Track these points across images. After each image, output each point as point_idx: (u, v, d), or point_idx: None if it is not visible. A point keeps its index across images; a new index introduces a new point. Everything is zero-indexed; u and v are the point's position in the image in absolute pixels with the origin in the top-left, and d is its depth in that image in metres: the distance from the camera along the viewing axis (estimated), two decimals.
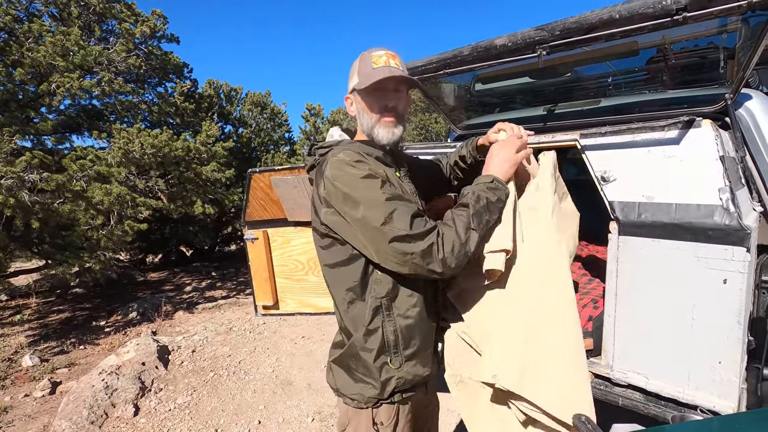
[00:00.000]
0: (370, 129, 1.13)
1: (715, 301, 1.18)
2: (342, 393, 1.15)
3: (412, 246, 0.96)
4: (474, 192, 1.05)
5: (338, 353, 1.15)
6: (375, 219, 0.97)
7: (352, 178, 1.01)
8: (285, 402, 3.13)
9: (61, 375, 3.69)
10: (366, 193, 0.99)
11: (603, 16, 1.64)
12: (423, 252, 0.95)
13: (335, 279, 1.12)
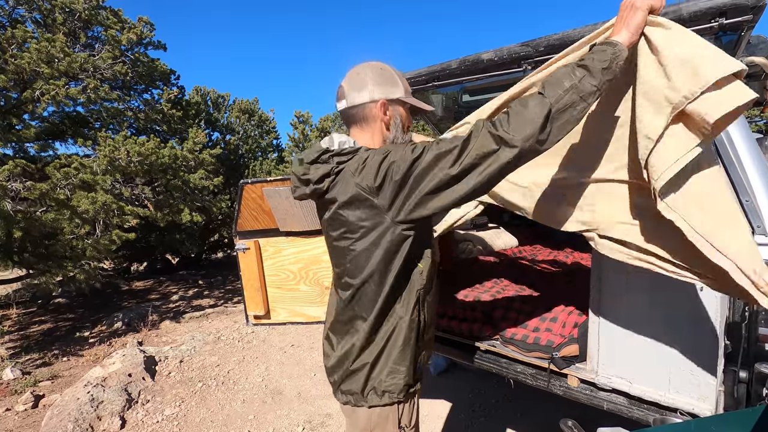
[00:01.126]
0: (400, 140, 1.18)
1: (693, 307, 1.24)
2: (373, 392, 1.15)
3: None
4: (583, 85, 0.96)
5: (366, 353, 1.15)
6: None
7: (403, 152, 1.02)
8: (275, 411, 3.11)
9: (44, 388, 3.60)
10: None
11: (585, 34, 1.71)
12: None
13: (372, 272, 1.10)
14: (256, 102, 9.05)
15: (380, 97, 1.14)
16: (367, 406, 1.15)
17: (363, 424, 1.17)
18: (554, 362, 1.53)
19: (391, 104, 1.16)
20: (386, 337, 1.13)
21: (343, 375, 1.18)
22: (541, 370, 1.59)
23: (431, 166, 0.97)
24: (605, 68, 0.97)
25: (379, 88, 1.14)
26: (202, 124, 8.02)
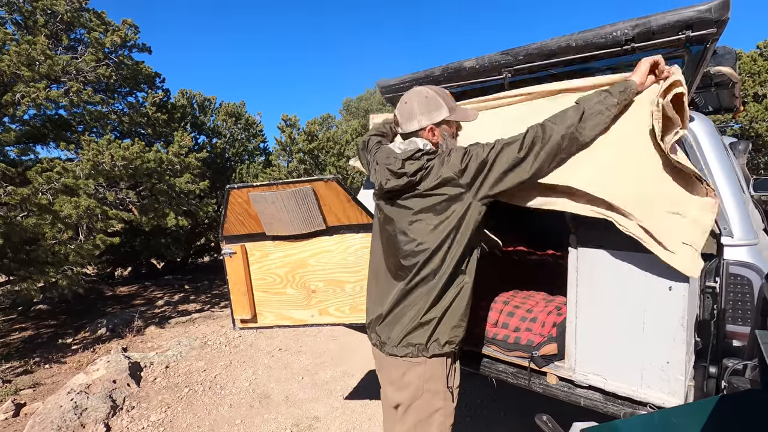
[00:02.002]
0: (452, 148, 1.43)
1: (662, 306, 1.30)
2: (436, 343, 1.37)
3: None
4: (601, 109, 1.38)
5: (434, 309, 1.37)
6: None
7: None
8: (262, 415, 3.11)
9: (26, 396, 3.54)
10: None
11: (561, 44, 1.78)
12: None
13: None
14: (242, 105, 9.01)
15: (427, 124, 1.43)
16: (429, 356, 1.36)
17: (420, 372, 1.38)
18: (534, 361, 1.59)
19: (437, 126, 1.44)
20: (453, 297, 1.37)
21: (408, 329, 1.38)
22: (522, 369, 1.64)
23: (504, 152, 1.32)
24: (622, 91, 1.40)
25: (425, 117, 1.43)
26: (187, 128, 7.95)
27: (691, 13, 1.45)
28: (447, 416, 1.40)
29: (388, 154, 1.44)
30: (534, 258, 2.81)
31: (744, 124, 7.32)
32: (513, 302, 1.83)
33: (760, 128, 6.84)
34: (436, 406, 1.38)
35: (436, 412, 1.39)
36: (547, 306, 1.77)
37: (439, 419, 1.39)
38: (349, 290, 2.06)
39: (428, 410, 1.39)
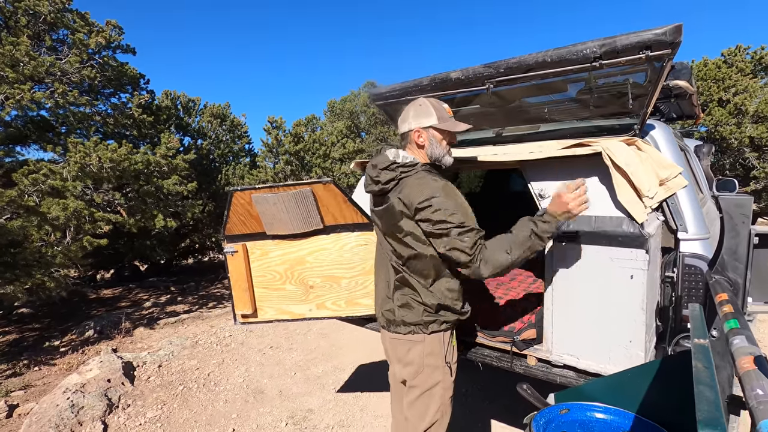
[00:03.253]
0: (440, 156, 1.62)
1: (625, 292, 1.49)
2: (435, 322, 1.55)
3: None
4: (528, 246, 1.46)
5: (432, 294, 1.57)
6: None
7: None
8: (258, 409, 3.22)
9: (17, 398, 3.55)
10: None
11: (538, 59, 1.96)
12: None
13: None
14: (227, 107, 9.02)
15: (415, 126, 1.60)
16: (428, 333, 1.54)
17: (421, 349, 1.56)
18: (516, 345, 1.76)
19: (425, 130, 1.60)
20: (447, 280, 1.56)
21: (408, 311, 1.56)
22: (505, 353, 1.81)
23: (453, 245, 1.46)
24: (550, 235, 1.48)
25: (415, 120, 1.60)
26: (172, 129, 7.93)
27: (650, 35, 1.65)
28: (446, 389, 1.57)
29: (376, 161, 1.62)
30: None
31: (710, 128, 7.75)
32: (497, 293, 2.00)
33: (724, 131, 7.25)
34: (436, 380, 1.55)
35: (436, 385, 1.55)
36: (527, 296, 1.95)
37: (440, 392, 1.55)
38: (345, 285, 2.20)
39: (429, 383, 1.55)
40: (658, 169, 1.73)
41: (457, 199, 1.49)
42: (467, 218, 1.48)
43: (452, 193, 1.50)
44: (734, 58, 7.90)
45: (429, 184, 1.49)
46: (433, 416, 1.57)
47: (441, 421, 1.59)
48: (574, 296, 1.63)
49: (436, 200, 1.46)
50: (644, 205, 1.55)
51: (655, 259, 1.64)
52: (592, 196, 1.62)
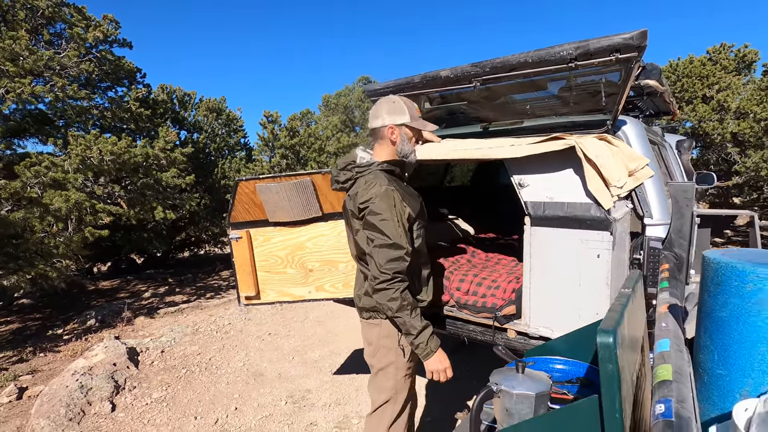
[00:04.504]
0: (408, 153, 1.69)
1: (593, 270, 1.68)
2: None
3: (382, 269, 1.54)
4: (405, 323, 1.55)
5: None
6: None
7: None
8: (258, 390, 3.40)
9: (26, 381, 3.69)
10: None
11: (520, 59, 2.13)
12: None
13: None
14: (223, 101, 9.11)
15: (389, 123, 1.66)
16: (383, 318, 1.67)
17: (378, 331, 1.69)
18: (497, 320, 1.95)
19: (398, 127, 1.66)
20: None
21: (369, 298, 1.66)
22: (488, 327, 2.00)
23: (375, 247, 1.54)
24: (415, 344, 1.57)
25: (389, 116, 1.67)
26: (168, 123, 8.01)
27: (619, 39, 1.82)
28: (398, 369, 1.67)
29: (340, 161, 1.75)
30: (501, 242, 3.20)
31: (694, 124, 7.99)
32: (481, 275, 2.19)
33: (707, 127, 7.49)
34: (390, 360, 1.67)
35: (390, 365, 1.67)
36: (509, 276, 2.14)
37: (392, 371, 1.67)
38: (342, 269, 2.38)
39: (384, 362, 1.68)
40: (628, 161, 1.91)
41: (391, 210, 1.52)
42: (394, 233, 1.51)
43: (389, 202, 1.53)
44: (718, 56, 8.13)
45: (373, 186, 1.56)
46: (388, 393, 1.68)
47: (396, 398, 1.68)
48: (549, 274, 1.82)
49: (373, 204, 1.52)
50: (611, 194, 1.73)
51: (622, 242, 1.83)
52: (564, 185, 1.80)
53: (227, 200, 8.23)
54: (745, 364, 0.62)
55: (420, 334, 1.53)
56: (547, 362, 1.17)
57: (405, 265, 1.54)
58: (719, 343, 0.65)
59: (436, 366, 1.57)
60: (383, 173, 1.64)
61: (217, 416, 3.04)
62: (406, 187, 1.74)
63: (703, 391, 0.68)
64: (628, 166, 1.91)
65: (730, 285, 0.63)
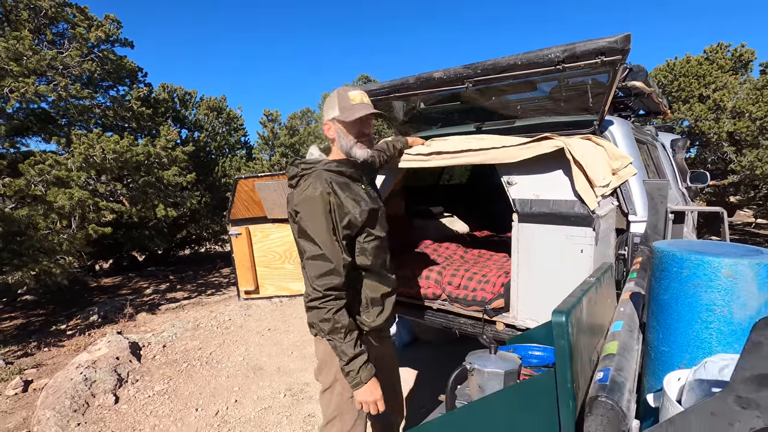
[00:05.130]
0: (348, 149, 1.52)
1: (576, 264, 1.75)
2: None
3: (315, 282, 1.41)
4: (336, 347, 1.41)
5: None
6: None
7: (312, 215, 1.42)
8: (258, 383, 3.48)
9: (31, 374, 3.78)
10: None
11: (510, 61, 2.20)
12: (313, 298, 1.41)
13: None
14: (224, 99, 9.18)
15: (326, 119, 1.55)
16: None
17: (323, 348, 1.55)
18: (486, 313, 2.03)
19: (333, 123, 1.52)
20: None
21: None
22: (478, 320, 2.07)
23: (306, 260, 1.43)
24: (346, 370, 1.42)
25: (326, 112, 1.55)
26: (169, 122, 8.09)
27: (604, 43, 1.89)
28: (345, 389, 1.51)
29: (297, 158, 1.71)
30: (495, 239, 3.28)
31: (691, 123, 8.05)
32: (472, 270, 2.26)
33: (704, 126, 7.55)
34: (334, 378, 1.53)
35: (335, 383, 1.53)
36: (498, 271, 2.21)
37: (338, 389, 1.53)
38: None
39: (329, 381, 1.54)
40: (611, 160, 1.98)
41: (324, 217, 1.39)
42: (326, 243, 1.38)
43: (321, 207, 1.40)
44: (715, 55, 8.18)
45: (307, 189, 1.42)
46: (333, 412, 1.55)
47: (341, 417, 1.54)
48: (536, 269, 1.89)
49: (303, 210, 1.41)
50: (595, 194, 1.80)
51: (606, 237, 1.90)
52: (550, 184, 1.88)
53: (227, 198, 8.34)
54: (683, 341, 0.69)
55: (351, 361, 1.39)
56: (526, 349, 1.25)
57: (338, 281, 1.39)
58: (663, 323, 0.73)
59: (364, 397, 1.42)
60: (329, 173, 1.48)
61: (217, 408, 3.12)
62: (362, 190, 1.56)
63: (651, 366, 0.76)
64: (611, 165, 1.98)
65: (671, 271, 0.70)
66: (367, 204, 1.52)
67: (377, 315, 1.57)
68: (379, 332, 1.65)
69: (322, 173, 1.47)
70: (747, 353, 0.42)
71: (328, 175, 1.48)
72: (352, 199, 1.49)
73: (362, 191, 1.56)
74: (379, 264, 1.57)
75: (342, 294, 1.42)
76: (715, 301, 0.65)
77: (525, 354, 1.22)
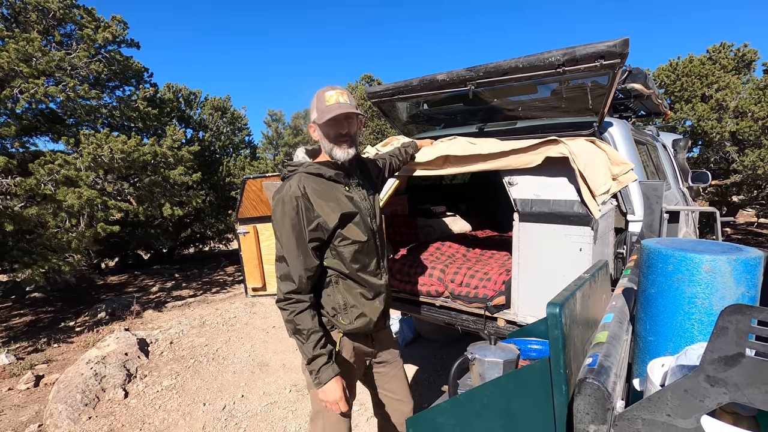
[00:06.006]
0: (329, 151, 1.51)
1: (575, 262, 1.81)
2: None
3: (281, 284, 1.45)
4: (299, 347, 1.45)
5: None
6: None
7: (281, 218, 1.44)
8: (263, 379, 3.55)
9: (42, 370, 3.87)
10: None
11: (512, 64, 2.26)
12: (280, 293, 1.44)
13: None
14: (228, 99, 9.25)
15: (310, 122, 1.54)
16: None
17: None
18: (488, 309, 2.08)
19: (315, 125, 1.50)
20: (320, 291, 1.57)
21: None
22: (479, 317, 2.13)
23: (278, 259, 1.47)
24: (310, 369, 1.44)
25: (311, 117, 1.53)
26: (174, 121, 8.18)
27: (603, 47, 1.95)
28: None
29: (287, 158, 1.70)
30: (497, 238, 3.33)
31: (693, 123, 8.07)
32: (474, 268, 2.32)
33: (706, 126, 7.56)
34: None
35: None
36: (500, 269, 2.27)
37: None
38: None
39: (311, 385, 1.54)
40: (613, 165, 2.02)
41: (291, 219, 1.40)
42: (289, 246, 1.40)
43: (289, 209, 1.40)
44: (718, 55, 8.19)
45: (281, 190, 1.45)
46: (316, 407, 1.59)
47: (323, 413, 1.57)
48: (536, 267, 1.95)
49: (274, 211, 1.42)
50: (596, 203, 1.84)
51: (604, 236, 1.95)
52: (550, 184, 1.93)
53: (232, 197, 8.43)
54: (667, 331, 0.75)
55: (311, 362, 1.41)
56: (525, 343, 1.31)
57: (299, 284, 1.41)
58: (649, 314, 0.79)
59: (324, 396, 1.43)
60: (308, 176, 1.48)
61: (224, 403, 3.19)
62: (345, 192, 1.54)
63: (639, 355, 0.82)
64: (612, 170, 2.02)
65: (657, 266, 0.76)
66: (343, 208, 1.49)
67: (355, 318, 1.54)
68: (364, 335, 1.63)
69: (301, 176, 1.47)
70: (715, 337, 0.48)
71: (305, 177, 1.47)
72: (327, 203, 1.46)
73: (343, 194, 1.53)
74: (358, 268, 1.53)
75: (303, 297, 1.42)
76: (696, 294, 0.71)
77: (524, 347, 1.28)
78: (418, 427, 0.94)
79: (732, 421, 0.57)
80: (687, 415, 0.52)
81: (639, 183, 1.84)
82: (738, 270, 0.69)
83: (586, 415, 0.63)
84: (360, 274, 1.54)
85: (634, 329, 0.86)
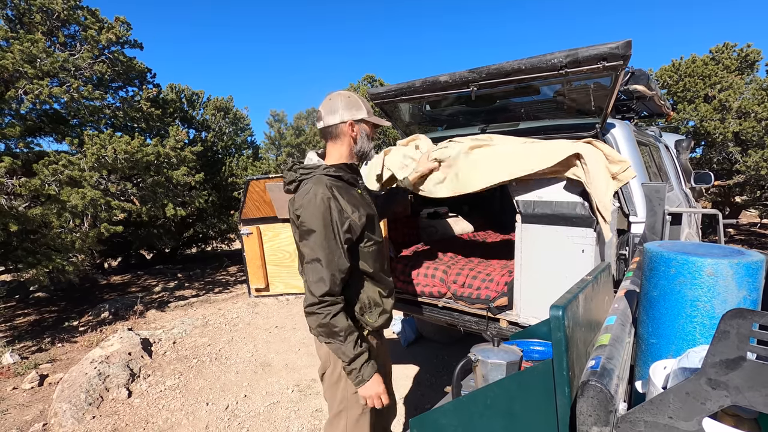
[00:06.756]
0: (367, 150, 1.60)
1: (577, 263, 1.81)
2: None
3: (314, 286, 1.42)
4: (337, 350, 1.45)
5: None
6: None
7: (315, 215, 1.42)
8: (266, 379, 3.56)
9: (46, 369, 3.89)
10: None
11: (514, 66, 2.26)
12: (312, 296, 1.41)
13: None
14: (230, 100, 9.28)
15: (348, 119, 1.54)
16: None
17: (326, 348, 1.55)
18: (490, 311, 2.09)
19: (357, 123, 1.56)
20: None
21: None
22: (482, 318, 2.14)
23: (306, 262, 1.44)
24: (348, 370, 1.47)
25: (348, 112, 1.54)
26: (177, 122, 8.20)
27: (606, 49, 1.95)
28: (349, 385, 1.55)
29: (289, 160, 1.65)
30: (500, 239, 3.34)
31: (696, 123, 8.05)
32: (477, 269, 2.33)
33: (709, 126, 7.55)
34: (339, 376, 1.57)
35: (341, 378, 1.56)
36: (502, 270, 2.28)
37: (343, 384, 1.57)
38: None
39: (333, 379, 1.59)
40: (610, 164, 2.02)
41: (325, 222, 1.40)
42: (325, 248, 1.39)
43: (323, 212, 1.40)
44: (721, 56, 8.17)
45: (308, 191, 1.44)
46: (338, 407, 1.60)
47: (346, 412, 1.59)
48: (538, 268, 1.95)
49: (305, 215, 1.41)
50: (605, 207, 1.84)
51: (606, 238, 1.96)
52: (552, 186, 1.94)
53: (234, 197, 8.46)
54: (670, 334, 0.76)
55: (353, 361, 1.43)
56: (528, 344, 1.31)
57: (334, 286, 1.41)
58: (652, 317, 0.79)
59: (368, 392, 1.47)
60: (328, 178, 1.50)
61: (227, 402, 3.20)
62: (359, 195, 1.60)
63: (642, 357, 0.82)
64: (611, 169, 2.02)
65: (659, 269, 0.77)
66: (366, 209, 1.55)
67: (379, 315, 1.61)
68: (379, 332, 1.72)
69: (322, 178, 1.48)
70: (716, 341, 0.49)
71: (327, 179, 1.49)
72: (352, 204, 1.50)
73: (359, 196, 1.59)
74: (378, 267, 1.60)
75: (338, 299, 1.43)
76: (698, 297, 0.72)
77: (527, 348, 1.28)
78: (422, 427, 0.95)
79: (733, 424, 0.57)
80: (689, 417, 0.53)
81: (642, 185, 1.84)
82: (740, 273, 0.69)
83: (588, 417, 0.64)
84: (380, 274, 1.62)
85: (637, 332, 0.86)
